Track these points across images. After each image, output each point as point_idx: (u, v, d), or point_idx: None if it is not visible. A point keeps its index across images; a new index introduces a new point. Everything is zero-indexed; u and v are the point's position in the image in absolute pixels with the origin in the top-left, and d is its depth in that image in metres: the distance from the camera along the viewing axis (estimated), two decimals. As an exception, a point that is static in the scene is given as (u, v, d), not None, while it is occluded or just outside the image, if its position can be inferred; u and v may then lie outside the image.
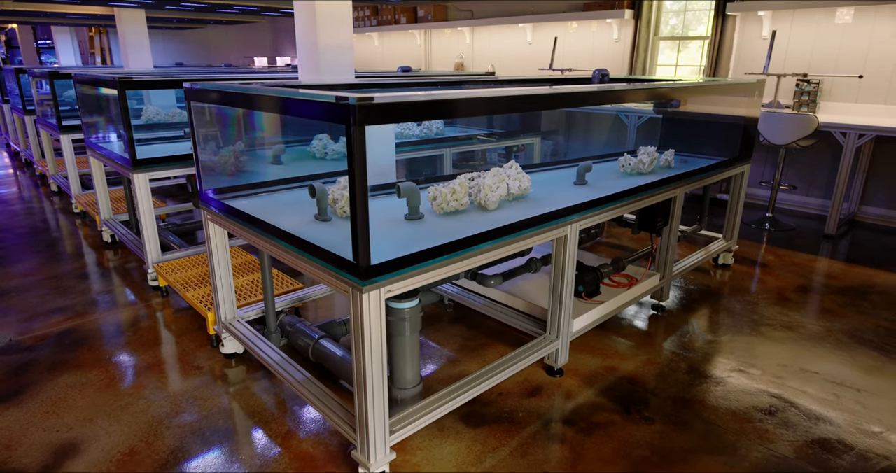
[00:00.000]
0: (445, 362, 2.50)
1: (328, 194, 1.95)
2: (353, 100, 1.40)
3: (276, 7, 6.48)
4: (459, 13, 7.63)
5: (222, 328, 2.48)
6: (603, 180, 2.62)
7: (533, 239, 2.02)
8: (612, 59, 6.19)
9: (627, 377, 2.39)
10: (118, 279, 3.49)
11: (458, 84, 3.49)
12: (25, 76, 6.02)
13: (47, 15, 7.23)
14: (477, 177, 2.11)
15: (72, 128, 4.64)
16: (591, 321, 2.48)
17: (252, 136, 2.55)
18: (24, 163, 7.18)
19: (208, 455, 1.91)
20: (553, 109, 3.51)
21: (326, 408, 1.87)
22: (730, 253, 3.61)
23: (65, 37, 9.69)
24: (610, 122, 5.07)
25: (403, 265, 1.62)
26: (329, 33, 3.16)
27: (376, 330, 1.59)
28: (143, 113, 4.26)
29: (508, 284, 2.69)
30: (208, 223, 2.32)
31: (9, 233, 4.38)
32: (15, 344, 2.66)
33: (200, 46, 11.82)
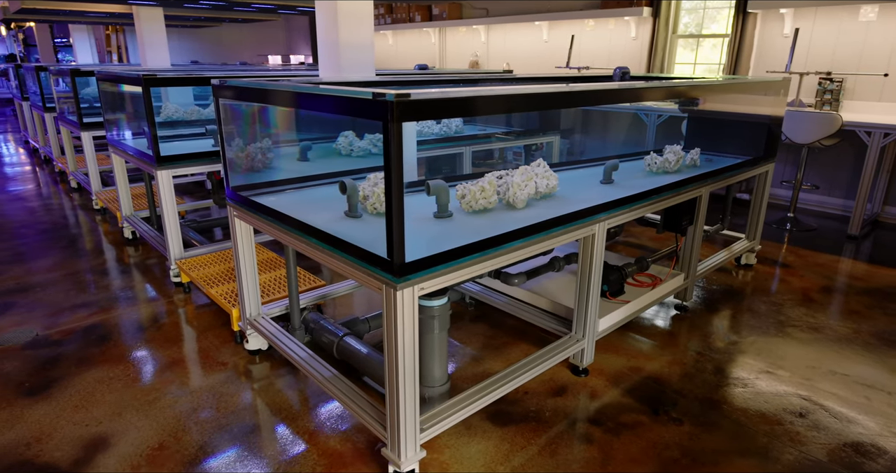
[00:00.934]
0: (469, 360, 2.49)
1: (359, 191, 1.94)
2: (391, 96, 1.39)
3: (293, 5, 6.49)
4: (474, 11, 7.61)
5: (247, 324, 2.49)
6: (629, 179, 2.60)
7: (562, 238, 2.00)
8: (629, 58, 6.15)
9: (653, 377, 2.37)
10: (140, 275, 3.52)
11: (477, 81, 3.48)
12: (45, 74, 6.08)
13: (66, 13, 7.29)
14: (505, 176, 2.10)
15: (92, 125, 4.69)
16: (616, 320, 2.46)
17: (278, 133, 2.56)
18: (42, 160, 7.26)
19: (236, 451, 1.92)
20: (587, 107, 3.48)
21: (355, 406, 1.87)
22: (752, 254, 3.57)
23: (82, 35, 9.78)
24: (628, 121, 5.03)
25: (436, 263, 1.61)
26: (350, 31, 3.16)
27: (409, 328, 1.58)
28: (162, 110, 4.29)
29: (531, 283, 2.68)
30: (235, 220, 2.32)
31: (31, 229, 4.42)
32: (42, 338, 2.68)
33: (215, 45, 11.89)
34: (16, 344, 2.62)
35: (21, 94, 7.72)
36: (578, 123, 4.65)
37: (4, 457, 1.88)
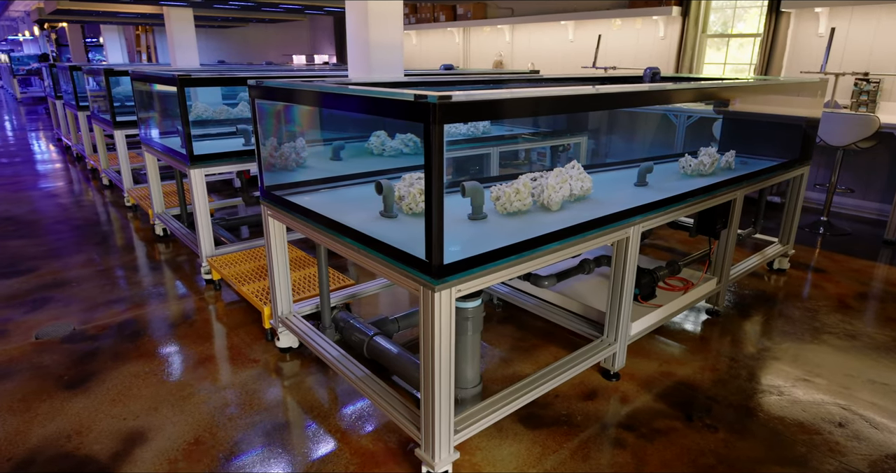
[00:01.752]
0: (498, 362, 2.48)
1: (395, 191, 1.95)
2: (434, 98, 1.40)
3: (320, 5, 6.54)
4: (499, 11, 7.58)
5: (279, 322, 2.51)
6: (662, 181, 2.56)
7: (597, 241, 1.98)
8: (657, 57, 6.07)
9: (686, 383, 2.33)
10: (171, 272, 3.58)
11: (506, 82, 3.47)
12: (78, 73, 6.22)
13: (99, 13, 7.46)
14: (539, 178, 2.08)
15: (125, 124, 4.78)
16: (648, 325, 2.43)
17: (311, 133, 2.58)
18: (75, 158, 7.43)
19: (269, 448, 1.94)
20: (625, 108, 3.44)
21: (388, 406, 1.87)
22: (786, 258, 3.50)
23: (113, 35, 9.99)
24: (656, 122, 4.97)
25: (473, 265, 1.61)
26: (380, 31, 3.18)
27: (446, 330, 1.58)
28: (192, 109, 4.35)
29: (561, 285, 2.66)
30: (268, 218, 2.35)
31: (65, 225, 4.53)
32: (79, 332, 2.75)
33: (241, 45, 12.04)
34: (55, 338, 2.69)
35: (54, 93, 7.91)
36: (605, 124, 4.60)
37: (47, 449, 1.93)
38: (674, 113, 4.73)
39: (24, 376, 2.37)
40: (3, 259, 3.74)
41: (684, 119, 4.69)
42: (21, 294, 3.19)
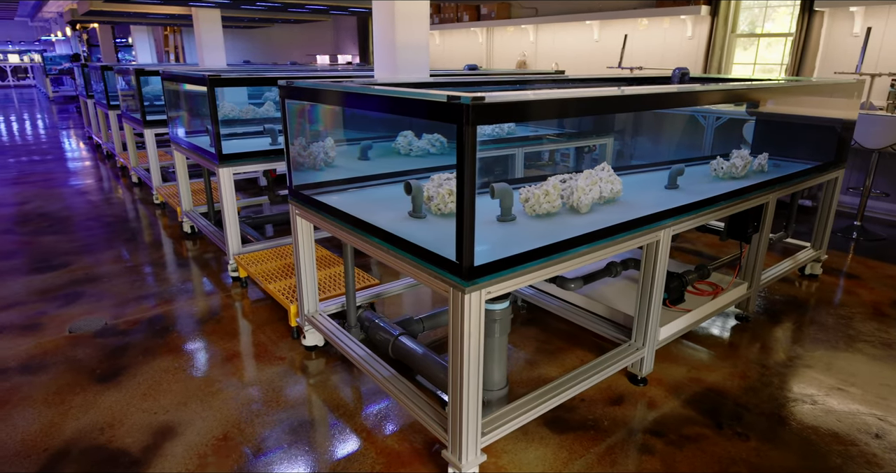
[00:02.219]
0: (524, 364, 2.47)
1: (423, 191, 1.95)
2: (467, 99, 1.39)
3: (345, 6, 6.58)
4: (523, 10, 7.55)
5: (305, 320, 2.53)
6: (694, 184, 2.52)
7: (627, 244, 1.96)
8: (684, 57, 5.98)
9: (715, 389, 2.29)
10: (198, 268, 3.63)
11: (532, 82, 3.45)
12: (110, 73, 6.35)
13: (129, 15, 7.61)
14: (569, 180, 2.06)
15: (155, 123, 4.87)
16: (677, 329, 2.39)
17: (338, 133, 2.59)
18: (105, 156, 7.60)
19: (296, 445, 1.96)
20: (658, 110, 3.39)
21: (415, 406, 1.88)
22: (818, 264, 3.41)
23: (142, 35, 10.20)
24: (684, 122, 4.89)
25: (503, 267, 1.60)
26: (407, 31, 3.18)
27: (475, 332, 1.58)
28: (219, 109, 4.40)
29: (587, 288, 2.64)
30: (296, 218, 2.37)
31: (96, 221, 4.63)
32: (110, 327, 2.80)
33: (266, 45, 12.19)
34: (87, 332, 2.75)
35: (86, 92, 8.09)
36: (630, 125, 4.55)
37: (81, 441, 1.97)
38: (702, 114, 4.65)
39: (59, 369, 2.43)
40: (37, 254, 3.84)
41: (713, 120, 4.60)
42: (55, 288, 3.27)
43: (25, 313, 2.95)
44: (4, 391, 2.27)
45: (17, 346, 2.61)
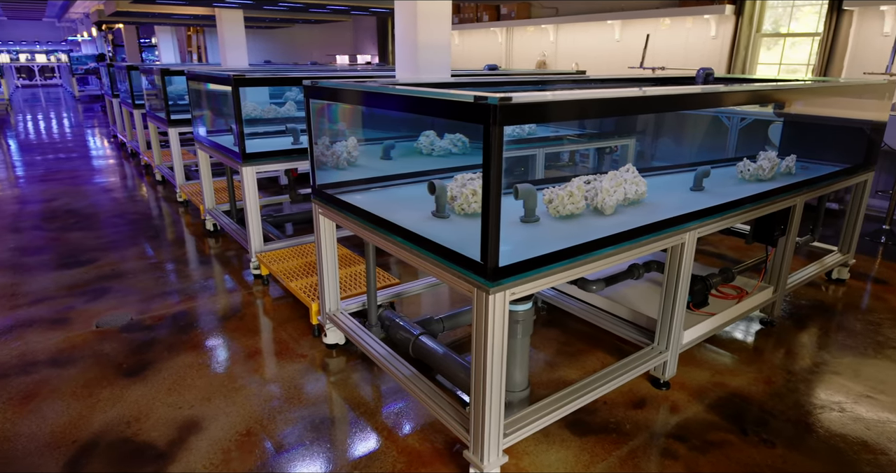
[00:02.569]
0: (544, 366, 2.46)
1: (447, 191, 1.95)
2: (494, 99, 1.39)
3: (366, 6, 6.61)
4: (543, 10, 7.51)
5: (326, 319, 2.55)
6: (719, 186, 2.48)
7: (651, 246, 1.94)
8: (707, 57, 5.90)
9: (739, 394, 2.26)
10: (220, 266, 3.68)
11: (554, 83, 3.43)
12: (135, 72, 6.46)
13: (154, 15, 7.74)
14: (593, 181, 2.05)
15: (179, 122, 4.95)
16: (701, 333, 2.36)
17: (361, 132, 2.61)
18: (129, 154, 7.74)
19: (318, 442, 1.97)
20: (689, 111, 3.34)
21: (436, 406, 1.88)
22: (846, 268, 3.34)
23: (166, 36, 10.36)
24: (707, 124, 4.82)
25: (527, 268, 1.60)
26: (429, 31, 3.19)
27: (499, 332, 1.58)
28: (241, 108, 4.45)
29: (609, 290, 2.62)
30: (319, 217, 2.39)
31: (121, 218, 4.72)
32: (136, 322, 2.86)
33: (286, 45, 12.31)
34: (114, 327, 2.80)
35: (111, 92, 8.25)
36: (652, 125, 4.50)
37: (108, 433, 2.01)
38: (726, 115, 4.58)
39: (87, 363, 2.48)
40: (65, 250, 3.92)
41: (737, 121, 4.54)
42: (82, 283, 3.34)
43: (54, 307, 3.02)
44: (34, 383, 2.32)
45: (47, 340, 2.67)
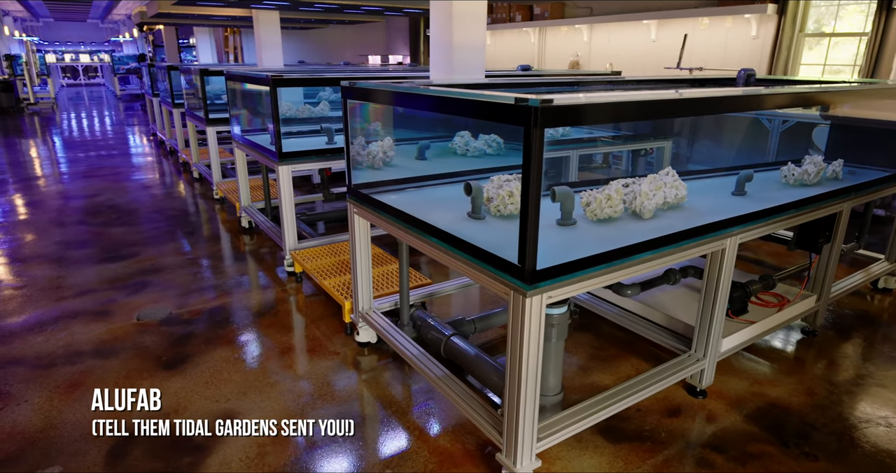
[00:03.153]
0: (577, 370, 2.43)
1: (483, 192, 1.95)
2: (536, 101, 1.38)
3: (399, 6, 6.65)
4: (578, 10, 7.43)
5: (359, 317, 2.57)
6: (762, 190, 2.41)
7: (691, 252, 1.90)
8: (747, 58, 5.75)
9: (779, 405, 2.19)
10: (255, 263, 3.75)
11: (588, 84, 3.39)
12: (175, 72, 6.64)
13: (194, 17, 7.94)
14: (632, 184, 2.02)
15: (217, 121, 5.06)
16: (740, 341, 2.30)
17: (396, 133, 2.62)
18: (168, 152, 7.95)
19: (350, 440, 1.99)
20: (736, 113, 3.26)
21: (469, 408, 1.88)
22: (893, 277, 3.22)
23: (204, 37, 10.62)
24: (745, 126, 4.70)
25: (565, 271, 1.58)
26: (464, 32, 3.19)
27: (535, 336, 1.57)
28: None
29: (644, 295, 2.57)
30: (354, 216, 2.41)
31: (160, 214, 4.86)
32: (175, 316, 2.93)
33: (319, 45, 12.47)
34: (154, 320, 2.88)
35: (152, 91, 8.49)
36: (688, 127, 4.40)
37: (148, 423, 2.07)
38: (767, 117, 4.46)
39: (128, 354, 2.55)
40: (108, 244, 4.06)
41: (778, 123, 4.41)
42: (124, 277, 3.44)
43: (98, 300, 3.12)
44: (79, 373, 2.41)
45: (91, 331, 2.77)
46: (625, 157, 4.46)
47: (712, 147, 4.33)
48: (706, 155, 4.24)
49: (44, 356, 2.54)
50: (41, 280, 3.41)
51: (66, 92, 20.91)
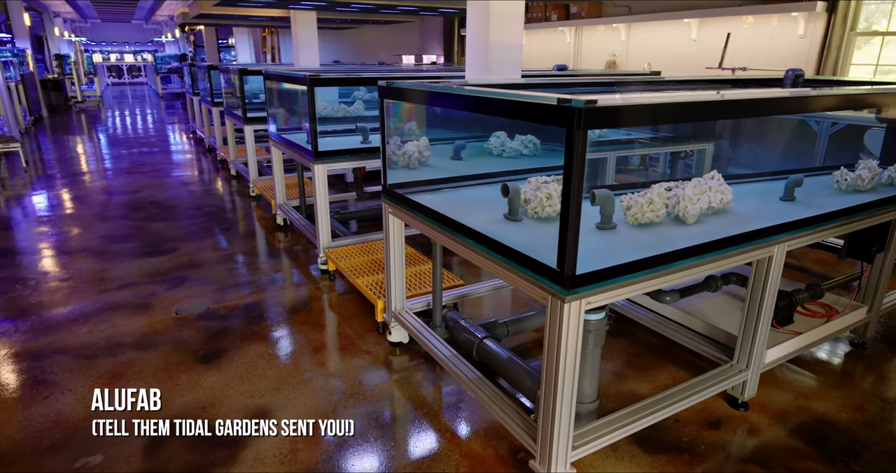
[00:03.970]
0: (612, 377, 2.38)
1: (521, 194, 1.92)
2: (580, 102, 1.35)
3: (435, 7, 6.66)
4: (616, 9, 7.30)
5: (391, 317, 2.58)
6: (811, 196, 2.31)
7: (735, 259, 1.83)
8: (793, 58, 5.55)
9: (826, 420, 2.10)
10: (289, 260, 3.80)
11: (627, 84, 3.32)
12: (215, 72, 6.79)
13: (234, 17, 8.12)
14: (675, 188, 1.96)
15: (254, 120, 5.15)
16: (785, 353, 2.21)
17: (432, 132, 2.61)
18: (207, 149, 8.14)
19: (382, 440, 1.99)
20: (782, 115, 3.15)
21: (501, 412, 1.85)
22: (950, 289, 3.05)
23: (243, 37, 10.85)
24: (791, 128, 4.53)
25: (605, 277, 1.54)
26: (501, 31, 3.16)
27: (573, 342, 1.53)
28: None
29: (683, 301, 2.50)
30: (389, 216, 2.41)
31: (199, 210, 4.97)
32: (212, 311, 2.99)
33: (354, 45, 12.59)
34: (192, 314, 2.95)
35: (192, 90, 8.71)
36: (729, 129, 4.27)
37: (185, 417, 2.10)
38: (815, 119, 4.29)
39: (167, 347, 2.61)
40: (149, 239, 4.17)
41: (827, 126, 4.23)
42: (164, 271, 3.53)
43: (139, 293, 3.21)
44: (120, 364, 2.48)
45: (132, 323, 2.85)
46: (662, 159, 4.35)
47: (756, 149, 4.19)
48: (749, 158, 4.10)
49: (87, 346, 2.62)
50: (86, 272, 3.53)
51: (111, 90, 21.66)
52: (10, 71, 9.39)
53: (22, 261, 3.78)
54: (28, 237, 4.33)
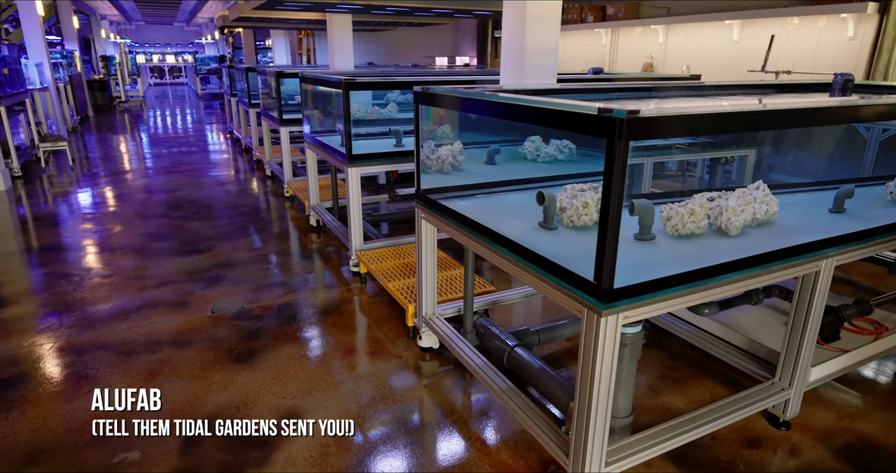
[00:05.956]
0: (646, 390, 2.32)
1: (556, 202, 1.89)
2: (622, 112, 1.31)
3: (469, 9, 6.64)
4: (654, 10, 7.16)
5: (422, 322, 2.57)
6: (863, 208, 2.21)
7: (781, 273, 1.76)
8: (841, 61, 5.34)
9: (873, 443, 2.01)
10: (321, 261, 3.84)
11: (667, 89, 3.24)
12: (253, 74, 6.92)
13: (272, 20, 8.27)
14: (717, 198, 1.90)
15: (290, 122, 5.23)
16: (831, 371, 2.12)
17: (465, 137, 2.60)
18: (243, 149, 8.32)
19: (411, 446, 1.99)
20: (836, 124, 3.04)
21: (533, 424, 1.83)
22: None
23: (280, 39, 11.05)
24: (838, 134, 4.36)
25: (644, 291, 1.50)
26: (537, 34, 3.13)
27: (609, 357, 1.50)
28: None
29: (722, 314, 2.42)
30: (422, 221, 2.41)
31: (235, 210, 5.07)
32: (246, 311, 3.04)
33: (387, 47, 12.68)
34: (226, 314, 3.00)
35: (230, 91, 8.91)
36: (772, 135, 4.13)
37: (219, 416, 2.15)
38: (865, 125, 4.11)
39: (203, 346, 2.67)
40: (186, 237, 4.28)
41: (878, 132, 4.05)
42: (200, 270, 3.61)
43: (176, 291, 3.29)
44: (157, 362, 2.54)
45: (169, 321, 2.92)
46: (700, 165, 4.24)
47: (801, 157, 4.04)
48: (794, 165, 3.96)
49: (127, 343, 2.70)
50: (126, 269, 3.64)
51: (152, 90, 22.34)
52: (59, 72, 9.79)
53: (67, 257, 3.92)
54: (73, 233, 4.49)
